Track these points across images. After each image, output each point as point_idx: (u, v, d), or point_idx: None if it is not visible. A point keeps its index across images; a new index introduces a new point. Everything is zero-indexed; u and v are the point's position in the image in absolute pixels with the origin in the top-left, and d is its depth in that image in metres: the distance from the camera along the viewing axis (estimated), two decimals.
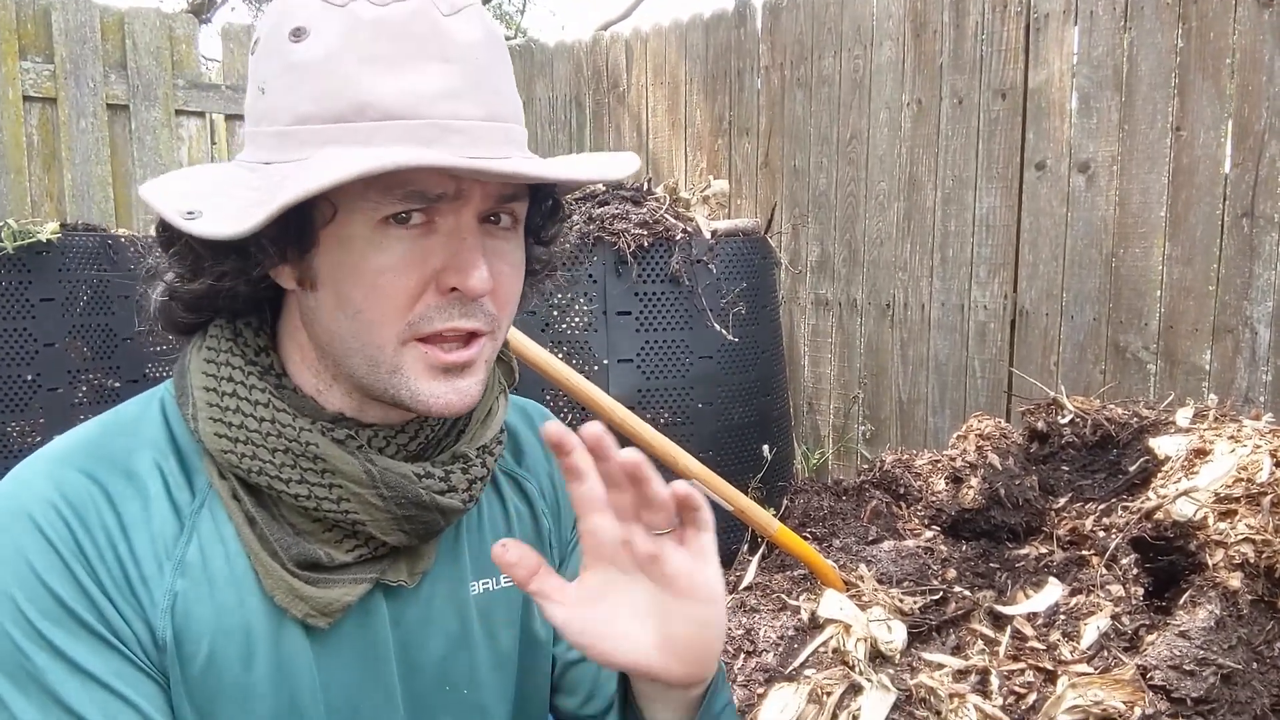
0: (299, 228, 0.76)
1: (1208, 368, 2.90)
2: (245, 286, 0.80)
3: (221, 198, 0.74)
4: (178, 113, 4.26)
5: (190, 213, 0.73)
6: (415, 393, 0.78)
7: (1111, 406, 2.60)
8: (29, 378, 2.66)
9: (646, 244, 2.62)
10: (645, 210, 2.69)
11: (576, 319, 2.62)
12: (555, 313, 2.64)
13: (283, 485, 0.78)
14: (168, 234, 0.80)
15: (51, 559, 0.74)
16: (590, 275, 2.62)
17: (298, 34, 0.74)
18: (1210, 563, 1.95)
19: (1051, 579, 2.18)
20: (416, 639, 0.89)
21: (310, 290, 0.79)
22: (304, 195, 0.67)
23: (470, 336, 0.79)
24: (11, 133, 3.85)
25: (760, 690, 1.96)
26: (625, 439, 2.35)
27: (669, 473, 2.34)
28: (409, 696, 0.89)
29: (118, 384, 2.85)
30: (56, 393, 2.72)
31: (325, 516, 0.80)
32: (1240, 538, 1.93)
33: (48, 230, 2.68)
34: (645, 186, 2.88)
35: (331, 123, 0.73)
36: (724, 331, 2.69)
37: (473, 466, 0.86)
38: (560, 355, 2.42)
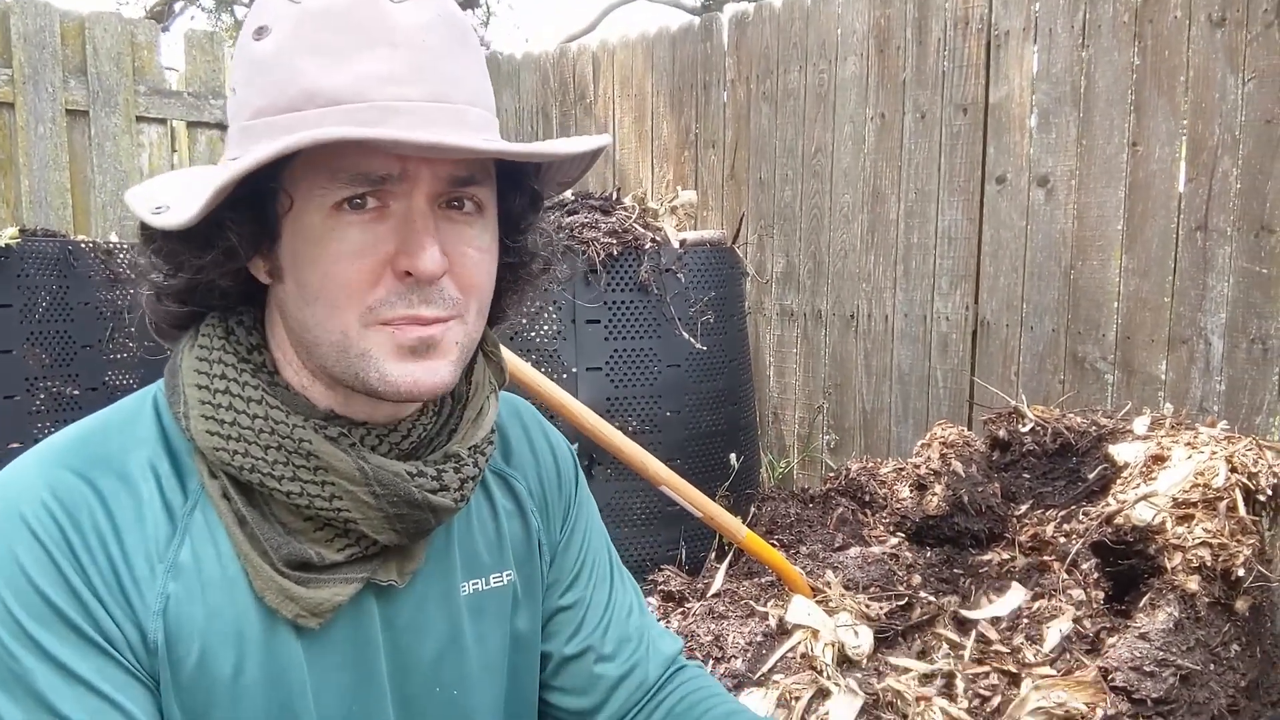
0: (261, 220, 0.77)
1: (1163, 377, 2.96)
2: (226, 280, 0.81)
3: (189, 193, 0.75)
4: (138, 119, 4.20)
5: (158, 208, 0.76)
6: (384, 374, 0.78)
7: (1071, 415, 2.65)
8: None
9: (615, 253, 2.63)
10: (614, 219, 2.70)
11: (545, 327, 2.63)
12: (524, 321, 2.64)
13: (275, 483, 0.78)
14: (148, 232, 0.81)
15: (42, 560, 0.74)
16: (559, 283, 2.62)
17: (259, 33, 0.76)
18: (1169, 566, 1.99)
19: (1014, 584, 2.21)
20: (408, 641, 0.88)
21: (279, 281, 0.80)
22: (229, 181, 0.69)
23: (433, 319, 0.78)
24: None
25: None
26: (596, 444, 2.35)
27: (640, 479, 2.35)
28: (399, 699, 0.88)
29: (76, 391, 2.81)
30: (13, 400, 2.67)
31: (317, 514, 0.79)
32: (1197, 541, 1.97)
33: (6, 235, 2.64)
34: (614, 196, 2.89)
35: (283, 113, 0.74)
36: (692, 340, 2.70)
37: (464, 466, 0.86)
38: (529, 363, 2.42)
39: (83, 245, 2.89)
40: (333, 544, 0.81)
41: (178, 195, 0.77)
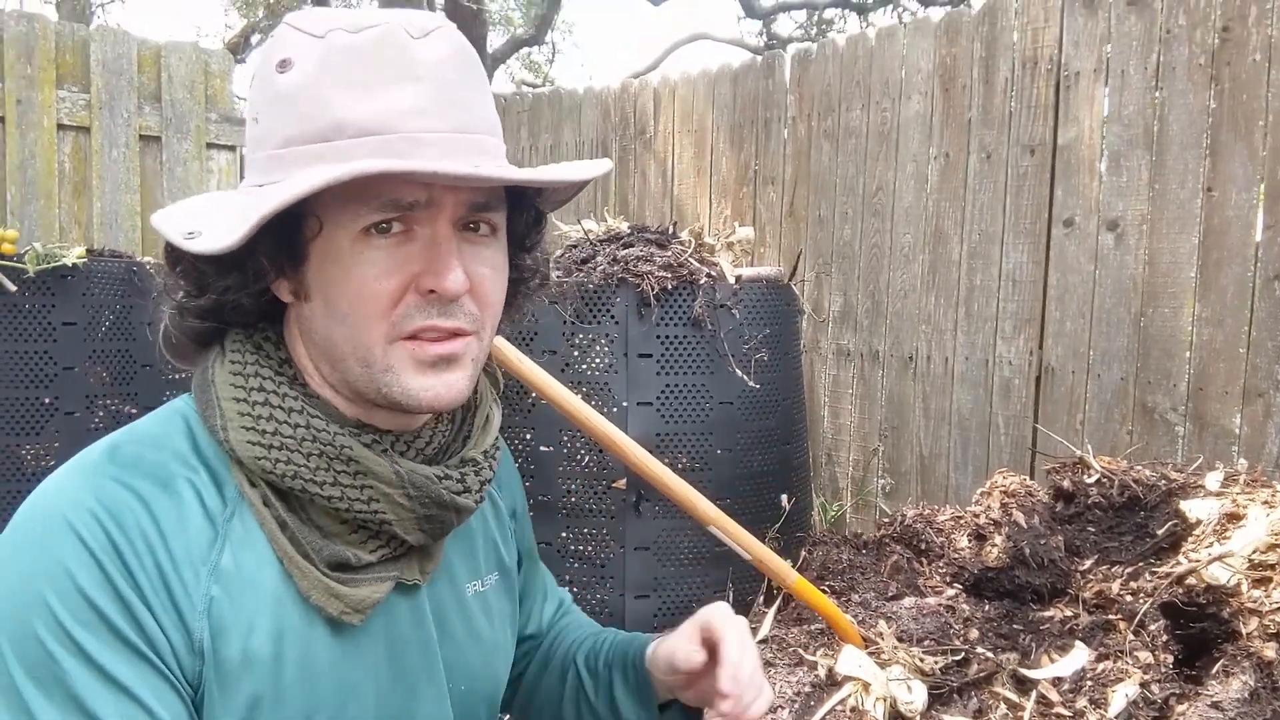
0: (290, 243, 0.82)
1: (1238, 431, 2.84)
2: (248, 300, 0.86)
3: (218, 218, 0.80)
4: (209, 145, 4.31)
5: (190, 233, 0.79)
6: (406, 388, 0.83)
7: (1139, 467, 2.55)
8: (47, 400, 2.65)
9: (670, 287, 2.60)
10: (670, 253, 2.67)
11: (597, 359, 2.60)
12: (576, 353, 2.62)
13: (316, 488, 0.82)
14: (174, 254, 0.86)
15: (90, 567, 0.75)
16: (612, 316, 2.60)
17: (283, 65, 0.81)
18: (1244, 631, 1.89)
19: (1078, 643, 2.11)
20: (431, 636, 0.94)
21: (305, 301, 0.85)
22: (278, 207, 0.73)
23: (453, 334, 0.84)
24: (44, 160, 3.90)
25: None
26: (644, 480, 2.31)
27: (689, 518, 2.30)
28: (426, 693, 0.93)
29: (135, 410, 2.84)
30: (74, 416, 2.71)
31: (355, 517, 0.84)
32: (1275, 606, 1.87)
33: (73, 255, 2.69)
34: (670, 230, 2.87)
35: (313, 143, 0.79)
36: (745, 377, 2.66)
37: (482, 469, 0.93)
38: (579, 396, 2.39)
39: (148, 265, 2.94)
40: (366, 545, 0.86)
41: (207, 220, 0.80)
